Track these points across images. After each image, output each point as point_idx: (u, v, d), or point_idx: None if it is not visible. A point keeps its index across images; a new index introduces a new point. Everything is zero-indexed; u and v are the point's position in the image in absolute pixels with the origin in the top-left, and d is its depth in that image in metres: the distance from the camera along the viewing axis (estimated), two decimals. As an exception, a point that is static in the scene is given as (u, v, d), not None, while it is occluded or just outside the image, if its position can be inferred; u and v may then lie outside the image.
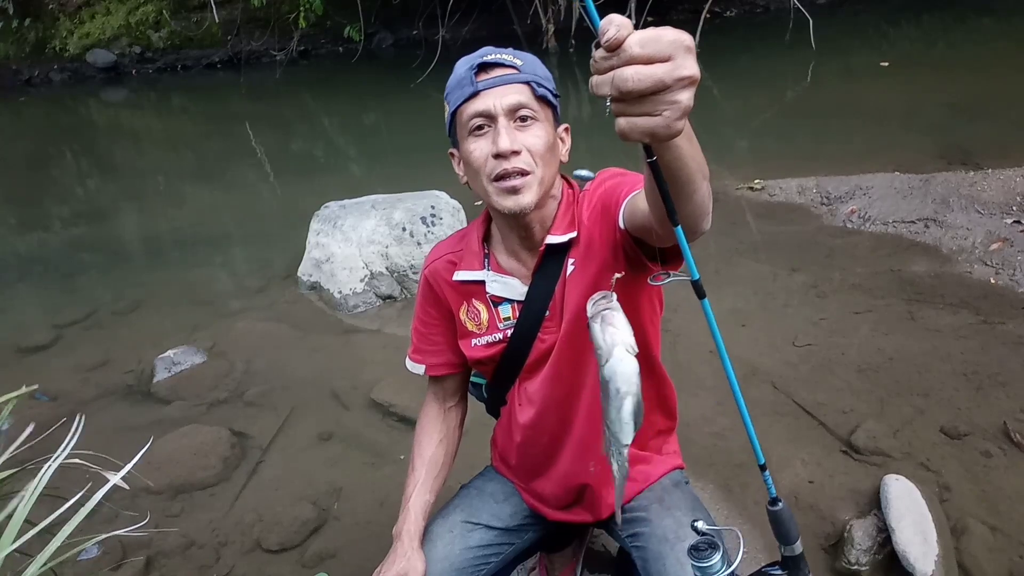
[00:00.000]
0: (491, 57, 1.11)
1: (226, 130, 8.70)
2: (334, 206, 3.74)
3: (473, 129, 1.11)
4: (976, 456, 1.97)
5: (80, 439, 1.32)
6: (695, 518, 1.20)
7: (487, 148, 1.10)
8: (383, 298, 3.48)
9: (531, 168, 1.10)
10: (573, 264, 1.19)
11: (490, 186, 1.12)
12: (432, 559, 1.27)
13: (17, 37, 12.43)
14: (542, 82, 1.12)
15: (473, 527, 1.34)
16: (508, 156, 1.09)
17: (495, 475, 1.48)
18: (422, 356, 1.38)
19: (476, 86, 1.09)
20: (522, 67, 1.11)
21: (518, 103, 1.09)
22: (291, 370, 2.97)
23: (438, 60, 8.24)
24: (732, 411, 2.30)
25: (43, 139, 9.11)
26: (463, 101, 1.11)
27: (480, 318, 1.27)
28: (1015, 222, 3.18)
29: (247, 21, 11.30)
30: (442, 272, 1.31)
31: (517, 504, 1.42)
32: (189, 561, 2.02)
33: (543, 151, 1.11)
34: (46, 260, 4.85)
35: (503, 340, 1.26)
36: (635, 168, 1.04)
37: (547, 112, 1.14)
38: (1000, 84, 5.38)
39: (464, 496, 1.42)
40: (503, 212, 1.14)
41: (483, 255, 1.26)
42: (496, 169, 1.10)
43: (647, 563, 1.22)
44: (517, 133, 1.10)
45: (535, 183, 1.11)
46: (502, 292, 1.24)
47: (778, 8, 9.49)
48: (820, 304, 2.87)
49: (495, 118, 1.09)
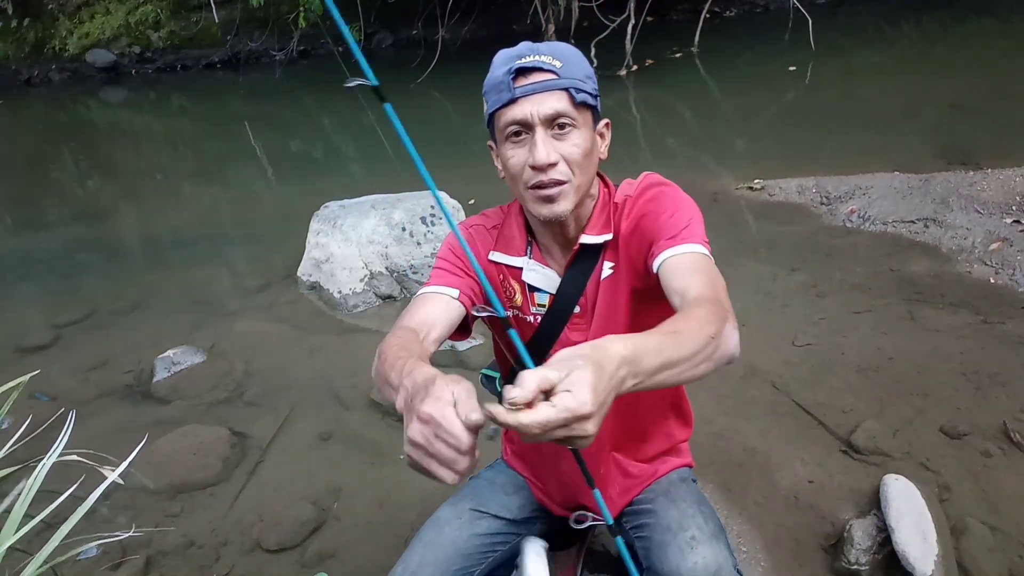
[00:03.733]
0: (529, 60, 1.08)
1: (226, 130, 8.70)
2: (334, 206, 3.74)
3: (511, 135, 1.11)
4: (976, 456, 1.97)
5: (80, 438, 1.32)
6: (700, 510, 1.23)
7: (524, 157, 1.10)
8: (383, 298, 3.48)
9: (567, 178, 1.10)
10: (611, 269, 1.20)
11: (527, 193, 1.13)
12: (439, 543, 1.27)
13: (17, 37, 12.43)
14: (582, 86, 1.09)
15: (481, 515, 1.35)
16: (545, 169, 1.09)
17: (505, 468, 1.49)
18: (443, 280, 1.23)
19: (514, 92, 1.07)
20: (561, 70, 1.08)
21: (556, 112, 1.07)
22: (291, 370, 2.97)
23: (438, 60, 8.24)
24: (732, 411, 2.30)
25: (43, 139, 9.11)
26: (500, 106, 1.10)
27: (514, 298, 1.27)
28: (1015, 222, 3.18)
29: (246, 21, 11.31)
30: (482, 240, 1.29)
31: (526, 497, 1.43)
32: (189, 561, 2.02)
33: (580, 159, 1.10)
34: (46, 260, 4.85)
35: (533, 324, 1.26)
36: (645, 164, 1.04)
37: (586, 116, 1.12)
38: (1000, 84, 5.39)
39: (474, 487, 1.43)
40: (539, 218, 1.15)
41: (526, 242, 1.25)
42: (533, 179, 1.10)
43: (650, 552, 1.22)
44: (554, 142, 1.09)
45: (571, 191, 1.12)
46: (538, 282, 1.24)
47: (778, 8, 9.49)
48: (820, 304, 2.87)
49: (532, 127, 1.08)
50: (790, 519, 1.86)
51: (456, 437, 0.75)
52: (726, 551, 1.18)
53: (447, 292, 1.20)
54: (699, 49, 8.13)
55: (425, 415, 0.77)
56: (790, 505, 1.90)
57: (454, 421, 0.76)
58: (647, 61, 7.90)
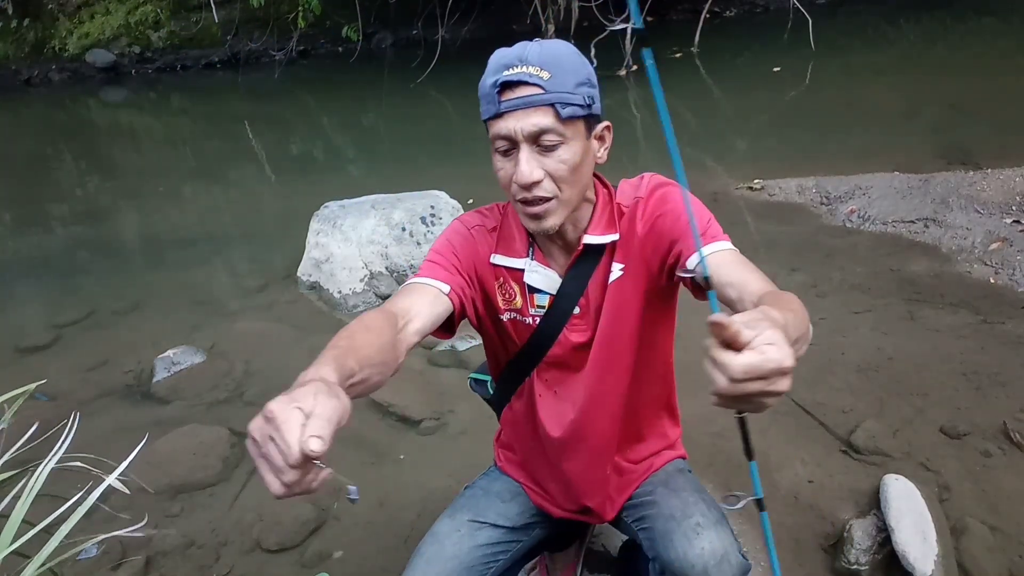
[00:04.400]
0: (514, 73, 1.04)
1: (225, 130, 8.70)
2: (334, 206, 3.74)
3: (499, 148, 1.10)
4: (976, 456, 1.97)
5: (80, 439, 1.32)
6: (701, 497, 1.24)
7: (511, 171, 1.09)
8: (383, 298, 3.48)
9: (553, 194, 1.09)
10: (621, 271, 1.20)
11: (516, 205, 1.13)
12: (441, 557, 1.26)
13: (16, 37, 12.43)
14: (570, 99, 1.05)
15: (480, 526, 1.33)
16: (529, 187, 1.08)
17: (500, 475, 1.47)
18: (435, 274, 1.20)
19: (499, 107, 1.06)
20: (548, 83, 1.04)
21: (539, 129, 1.05)
22: (291, 370, 2.93)
23: (437, 60, 8.24)
24: (732, 411, 2.29)
25: (43, 139, 9.10)
26: (488, 118, 1.09)
27: (514, 300, 1.25)
28: (1015, 222, 3.18)
29: (246, 21, 11.31)
30: (483, 242, 1.26)
31: (524, 503, 1.42)
32: (189, 561, 2.02)
33: (567, 174, 1.09)
34: (46, 260, 4.85)
35: (532, 327, 1.25)
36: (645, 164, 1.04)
37: (576, 127, 1.08)
38: (1000, 84, 5.39)
39: (469, 497, 1.41)
40: (528, 229, 1.15)
41: (528, 244, 1.24)
42: (519, 195, 1.10)
43: (655, 542, 1.22)
44: (539, 158, 1.07)
45: (558, 207, 1.11)
46: (539, 283, 1.23)
47: (777, 8, 9.50)
48: (820, 304, 2.87)
49: (517, 143, 1.07)
50: (790, 519, 1.86)
51: (288, 447, 0.69)
52: (731, 536, 1.18)
53: (437, 286, 1.17)
54: (699, 49, 8.13)
55: (269, 412, 0.71)
56: (790, 505, 1.90)
57: (292, 431, 0.69)
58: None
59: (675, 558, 1.15)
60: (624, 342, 1.24)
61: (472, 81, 1.13)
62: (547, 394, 1.30)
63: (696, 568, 1.13)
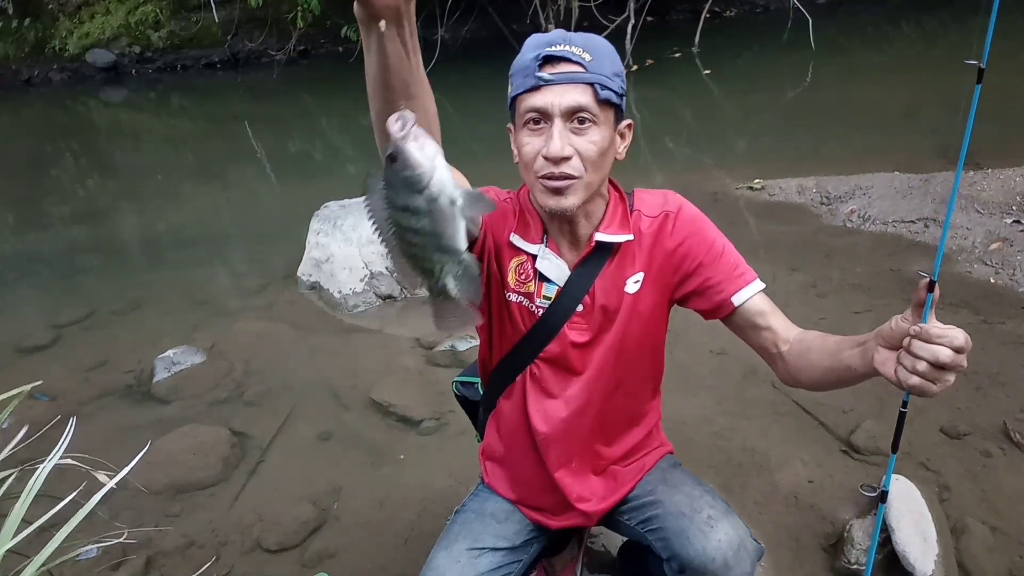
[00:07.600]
0: (558, 49, 1.06)
1: (225, 130, 8.70)
2: (334, 206, 3.74)
3: (529, 121, 1.09)
4: (976, 456, 1.98)
5: (80, 439, 1.32)
6: (704, 490, 1.25)
7: (539, 146, 1.08)
8: (383, 298, 3.48)
9: (579, 173, 1.09)
10: (640, 280, 1.21)
11: (536, 182, 1.11)
12: None
13: (17, 37, 12.43)
14: (608, 83, 1.07)
15: (479, 552, 1.28)
16: (558, 161, 1.07)
17: (490, 494, 1.41)
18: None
19: (538, 79, 1.06)
20: (590, 64, 1.06)
21: (577, 105, 1.06)
22: (291, 370, 2.96)
23: (437, 60, 8.23)
24: (732, 411, 2.30)
25: (43, 139, 9.10)
26: (523, 91, 1.08)
27: (528, 283, 1.23)
28: (1015, 222, 3.18)
29: (246, 21, 11.31)
30: (508, 216, 1.23)
31: (520, 521, 1.37)
32: (189, 561, 2.02)
33: (595, 157, 1.09)
34: (46, 260, 4.85)
35: (536, 316, 1.23)
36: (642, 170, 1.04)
37: (608, 114, 1.09)
38: (1000, 84, 5.38)
39: (463, 523, 1.34)
40: (545, 208, 1.13)
41: (542, 231, 1.22)
42: (543, 170, 1.09)
43: (668, 541, 1.21)
44: (571, 136, 1.07)
45: (581, 187, 1.10)
46: (550, 272, 1.21)
47: (778, 8, 9.50)
48: (820, 304, 2.87)
49: (551, 117, 1.07)
50: (790, 519, 1.86)
51: None
52: (742, 523, 1.19)
53: None
54: (699, 49, 8.13)
55: None
56: (790, 505, 1.90)
57: None
58: (647, 61, 7.90)
59: (695, 554, 1.15)
60: (633, 351, 1.25)
61: (472, 81, 1.13)
62: (538, 392, 1.28)
63: (716, 561, 1.14)
